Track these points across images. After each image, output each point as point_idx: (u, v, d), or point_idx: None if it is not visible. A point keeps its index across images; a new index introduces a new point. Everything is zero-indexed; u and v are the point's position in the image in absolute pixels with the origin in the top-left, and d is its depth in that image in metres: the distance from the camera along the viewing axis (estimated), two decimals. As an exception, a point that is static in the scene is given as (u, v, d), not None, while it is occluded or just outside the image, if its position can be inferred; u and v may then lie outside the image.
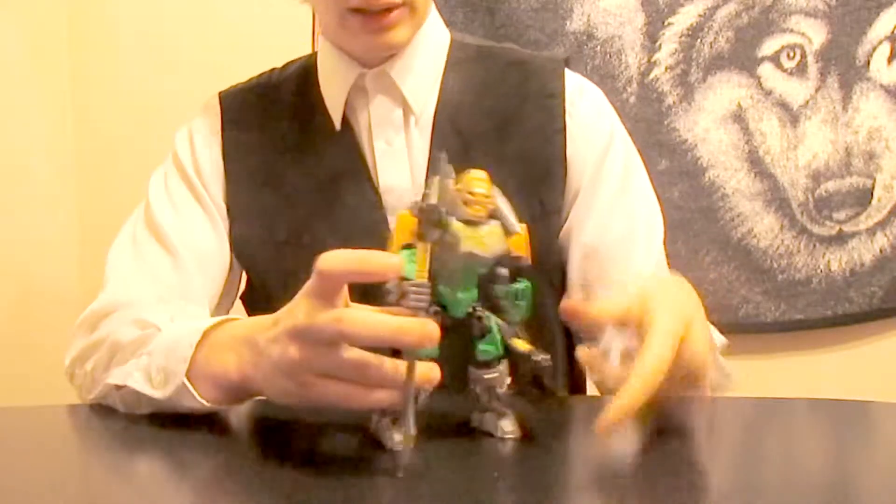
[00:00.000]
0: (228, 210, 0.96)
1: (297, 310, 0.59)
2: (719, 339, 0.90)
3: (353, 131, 0.95)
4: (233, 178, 0.97)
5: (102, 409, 0.80)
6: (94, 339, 0.84)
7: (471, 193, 0.59)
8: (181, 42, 1.67)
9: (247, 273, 1.00)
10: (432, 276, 0.58)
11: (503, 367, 0.64)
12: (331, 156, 0.94)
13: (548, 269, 0.95)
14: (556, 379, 0.97)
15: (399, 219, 0.61)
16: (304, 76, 1.00)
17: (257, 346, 0.65)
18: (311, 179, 0.94)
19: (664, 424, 0.73)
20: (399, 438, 0.60)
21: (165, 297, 0.89)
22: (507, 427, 0.65)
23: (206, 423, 0.70)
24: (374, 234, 0.77)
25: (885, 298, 1.63)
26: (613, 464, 0.63)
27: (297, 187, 0.94)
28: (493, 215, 0.61)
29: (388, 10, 0.87)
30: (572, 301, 0.66)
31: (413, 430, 0.57)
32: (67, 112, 1.71)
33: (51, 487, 0.59)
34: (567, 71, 0.98)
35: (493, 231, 0.61)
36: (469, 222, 0.60)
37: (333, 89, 0.96)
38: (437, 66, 0.96)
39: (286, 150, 0.96)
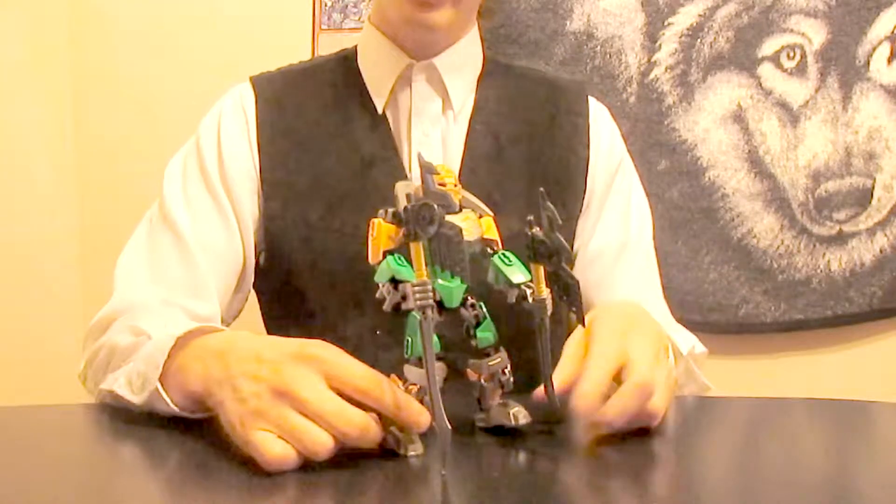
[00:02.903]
0: (262, 188, 0.96)
1: (288, 365, 0.61)
2: (699, 348, 0.96)
3: (391, 119, 0.98)
4: (268, 160, 0.96)
5: (102, 408, 0.80)
6: (98, 344, 0.86)
7: (442, 185, 0.62)
8: (181, 41, 1.67)
9: (270, 253, 0.98)
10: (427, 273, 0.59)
11: (503, 353, 0.65)
12: (368, 141, 0.97)
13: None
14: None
15: (377, 227, 0.62)
16: (343, 64, 1.02)
17: (229, 368, 0.64)
18: (346, 164, 0.96)
19: (664, 424, 0.73)
20: (413, 448, 0.61)
21: (171, 300, 0.89)
22: (520, 414, 0.65)
23: (209, 423, 0.70)
24: None
25: (885, 298, 1.63)
26: (612, 463, 0.63)
27: (332, 171, 0.96)
28: (463, 204, 0.64)
29: None
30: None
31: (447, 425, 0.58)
32: (67, 112, 1.71)
33: (50, 487, 0.59)
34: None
35: (468, 217, 0.63)
36: (449, 212, 0.62)
37: (380, 76, 0.99)
38: (475, 75, 1.02)
39: (323, 132, 0.97)
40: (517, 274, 0.63)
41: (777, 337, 1.64)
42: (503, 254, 0.65)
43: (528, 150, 0.99)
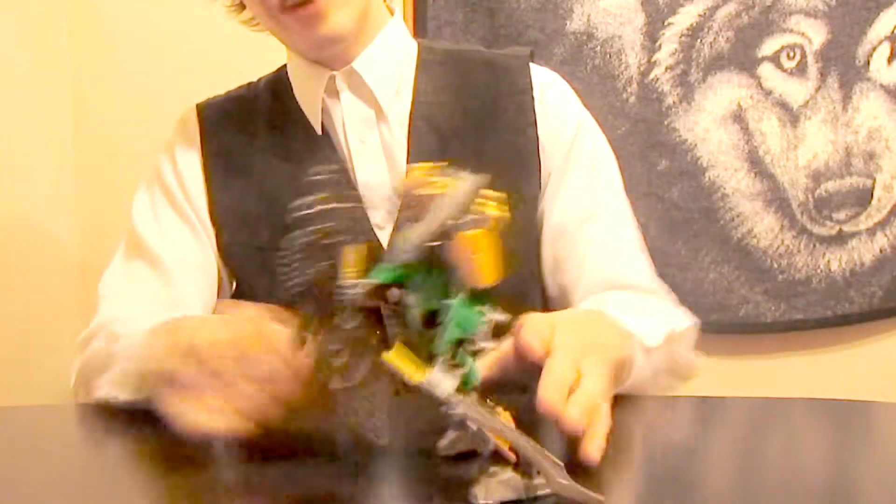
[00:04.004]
0: (213, 218, 0.98)
1: (200, 325, 0.61)
2: (682, 324, 0.90)
3: (329, 133, 0.97)
4: (215, 187, 0.98)
5: (102, 409, 0.80)
6: (81, 362, 0.87)
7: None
8: (181, 42, 1.66)
9: (236, 279, 1.00)
10: None
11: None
12: (310, 159, 0.96)
13: (528, 257, 0.98)
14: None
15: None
16: (276, 87, 1.02)
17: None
18: (292, 184, 0.95)
19: (664, 424, 0.73)
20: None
21: (157, 312, 0.90)
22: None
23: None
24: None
25: (885, 298, 1.63)
26: (611, 463, 0.63)
27: (279, 192, 0.95)
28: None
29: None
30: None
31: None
32: (67, 112, 1.71)
33: (50, 487, 0.59)
34: (532, 65, 1.01)
35: (414, 229, 0.53)
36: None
37: (308, 95, 0.98)
38: (407, 69, 0.99)
39: (267, 157, 0.98)
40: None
41: (777, 337, 1.64)
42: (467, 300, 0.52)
43: (474, 140, 0.96)
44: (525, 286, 0.97)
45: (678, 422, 0.80)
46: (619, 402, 0.77)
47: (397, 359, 0.52)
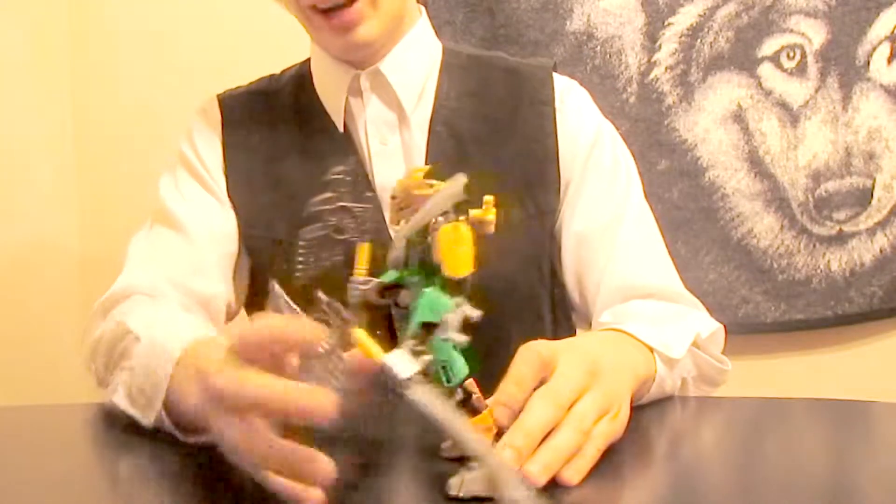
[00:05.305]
0: (231, 206, 0.98)
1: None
2: (707, 329, 0.89)
3: (350, 132, 0.97)
4: (233, 177, 0.98)
5: (102, 408, 0.80)
6: (98, 333, 0.85)
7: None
8: (181, 42, 1.67)
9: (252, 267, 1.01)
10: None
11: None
12: (330, 157, 0.96)
13: (540, 265, 0.99)
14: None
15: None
16: (299, 82, 1.02)
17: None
18: (310, 181, 0.95)
19: (664, 424, 0.73)
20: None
21: (177, 278, 0.91)
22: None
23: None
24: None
25: (885, 298, 1.63)
26: (612, 463, 0.63)
27: (297, 188, 0.95)
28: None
29: (346, 5, 0.88)
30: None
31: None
32: (67, 112, 1.71)
33: (51, 487, 0.59)
34: (554, 74, 1.01)
35: (405, 226, 0.57)
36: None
37: (331, 93, 0.98)
38: (431, 72, 0.99)
39: (286, 152, 0.98)
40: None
41: (777, 337, 1.64)
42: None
43: (493, 147, 0.96)
44: (533, 289, 0.98)
45: (678, 422, 0.80)
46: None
47: (365, 338, 0.52)
